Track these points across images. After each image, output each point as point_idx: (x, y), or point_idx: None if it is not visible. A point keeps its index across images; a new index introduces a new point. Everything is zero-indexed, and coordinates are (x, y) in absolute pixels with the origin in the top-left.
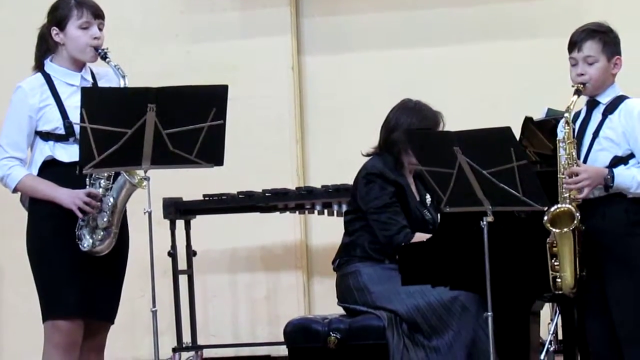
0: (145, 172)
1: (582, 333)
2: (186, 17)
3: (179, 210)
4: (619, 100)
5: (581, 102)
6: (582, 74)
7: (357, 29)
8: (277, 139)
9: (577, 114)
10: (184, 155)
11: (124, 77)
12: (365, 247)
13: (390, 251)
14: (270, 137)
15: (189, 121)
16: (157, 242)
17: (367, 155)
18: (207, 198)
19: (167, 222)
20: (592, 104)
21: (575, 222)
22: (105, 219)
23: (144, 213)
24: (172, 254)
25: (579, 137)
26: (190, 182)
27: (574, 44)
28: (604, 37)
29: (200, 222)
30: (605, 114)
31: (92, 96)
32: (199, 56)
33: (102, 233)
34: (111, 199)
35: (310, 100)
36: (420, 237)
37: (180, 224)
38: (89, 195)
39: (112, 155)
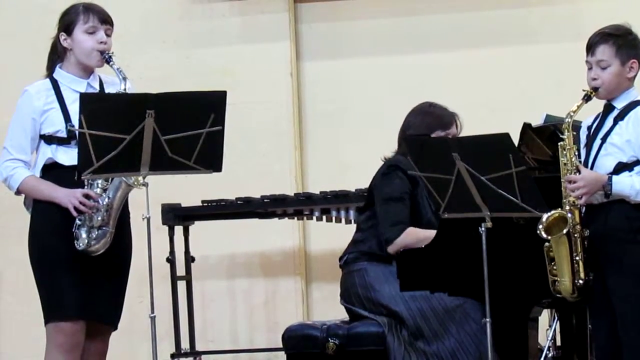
0: (144, 177)
1: (580, 339)
2: (185, 22)
3: (177, 216)
4: (632, 106)
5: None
6: (595, 79)
7: (356, 35)
8: (276, 145)
9: (596, 117)
10: (183, 161)
11: (124, 79)
12: (374, 246)
13: (384, 244)
14: (269, 143)
15: (188, 127)
16: (156, 248)
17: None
18: (205, 204)
19: (166, 227)
20: (607, 109)
21: (568, 225)
22: (99, 218)
23: (143, 219)
24: (171, 260)
25: (591, 141)
26: (189, 188)
27: (589, 47)
28: (619, 40)
29: (198, 228)
30: (616, 120)
31: (91, 102)
32: (197, 62)
33: (97, 232)
34: (106, 199)
35: (309, 106)
36: (413, 231)
37: (178, 229)
38: (85, 195)
39: (110, 161)
